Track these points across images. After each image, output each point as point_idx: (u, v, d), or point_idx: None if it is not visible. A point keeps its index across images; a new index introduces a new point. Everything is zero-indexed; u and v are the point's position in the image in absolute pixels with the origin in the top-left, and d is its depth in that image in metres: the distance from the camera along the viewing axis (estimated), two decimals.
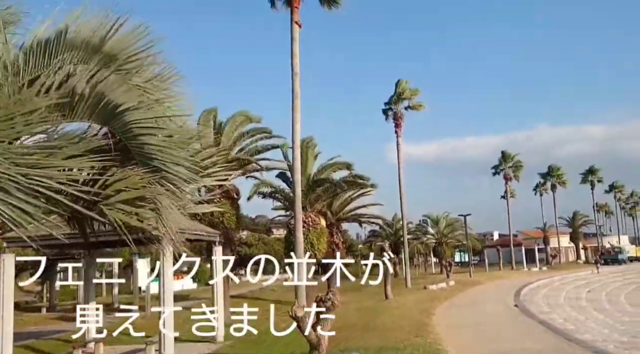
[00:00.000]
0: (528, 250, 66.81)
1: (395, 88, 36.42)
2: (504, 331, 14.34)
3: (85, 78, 5.01)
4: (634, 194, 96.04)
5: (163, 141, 5.02)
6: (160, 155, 4.89)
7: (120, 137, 5.01)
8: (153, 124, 5.03)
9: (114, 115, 4.94)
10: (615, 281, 43.06)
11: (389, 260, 30.03)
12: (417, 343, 11.66)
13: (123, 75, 5.04)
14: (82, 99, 4.97)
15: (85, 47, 4.94)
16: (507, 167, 59.68)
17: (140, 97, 5.07)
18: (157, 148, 4.91)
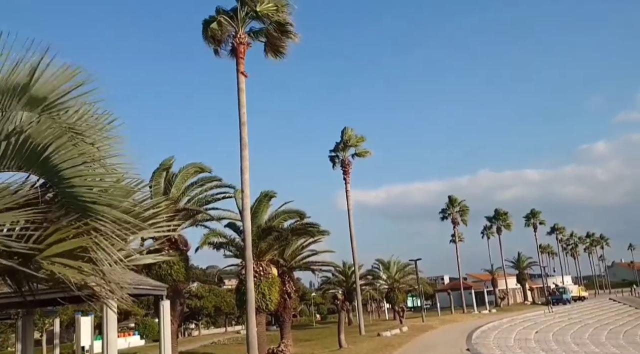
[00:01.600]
0: (478, 293, 67.88)
1: (341, 136, 37.11)
2: None
3: (9, 123, 4.77)
4: (573, 235, 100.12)
5: (100, 191, 4.80)
6: (95, 206, 4.68)
7: (52, 185, 4.77)
8: (87, 171, 4.82)
9: (43, 162, 4.70)
10: (561, 321, 44.17)
11: (342, 308, 29.71)
12: None
13: (52, 117, 4.80)
14: (9, 146, 4.72)
15: (11, 90, 4.72)
16: (454, 211, 61.14)
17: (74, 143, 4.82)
18: (91, 199, 4.69)
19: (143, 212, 5.31)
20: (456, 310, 58.00)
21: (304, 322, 66.05)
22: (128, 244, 5.30)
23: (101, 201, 4.69)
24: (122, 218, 4.71)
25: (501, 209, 71.49)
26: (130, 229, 4.88)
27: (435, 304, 63.14)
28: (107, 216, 4.66)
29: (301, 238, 26.87)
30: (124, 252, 5.16)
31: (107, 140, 5.08)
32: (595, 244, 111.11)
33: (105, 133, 5.11)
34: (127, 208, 5.00)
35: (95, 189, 4.81)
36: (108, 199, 4.77)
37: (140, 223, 4.98)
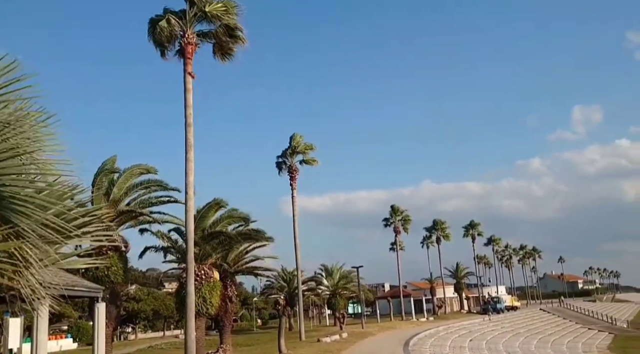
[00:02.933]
0: (416, 300, 69.37)
1: (289, 142, 37.20)
2: None
3: None
4: (508, 247, 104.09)
5: (32, 192, 4.51)
6: (24, 208, 4.40)
7: None
8: (17, 170, 4.52)
9: None
10: (494, 330, 45.81)
11: (283, 313, 29.71)
12: None
13: None
14: None
15: None
16: (396, 220, 62.32)
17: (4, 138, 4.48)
18: (20, 200, 4.41)
19: (79, 217, 5.08)
20: (395, 317, 59.09)
21: (245, 327, 65.54)
22: (62, 247, 5.10)
23: (31, 203, 4.40)
24: (54, 222, 4.49)
25: (439, 220, 73.35)
26: (62, 235, 4.61)
27: (376, 311, 64.08)
28: (37, 219, 4.39)
29: (245, 243, 26.75)
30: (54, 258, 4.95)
31: (43, 139, 4.78)
32: (528, 256, 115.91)
33: (40, 132, 4.82)
34: (61, 212, 4.75)
35: (27, 190, 4.53)
36: (40, 201, 4.47)
37: (74, 230, 4.70)
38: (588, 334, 53.03)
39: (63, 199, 4.91)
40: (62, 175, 4.95)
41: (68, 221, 4.78)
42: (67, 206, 4.91)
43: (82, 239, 5.28)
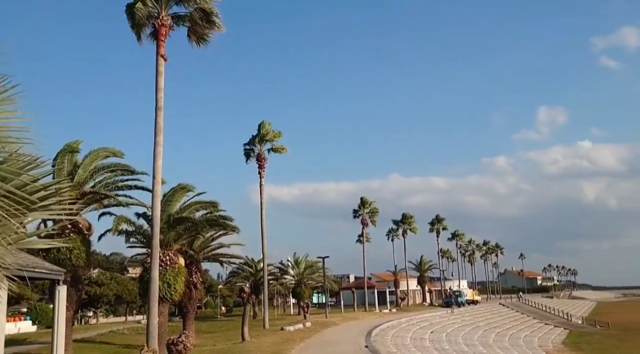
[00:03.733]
0: (380, 292, 70.21)
1: (258, 129, 36.97)
2: None
3: None
4: (471, 242, 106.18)
5: None
6: None
7: None
8: None
9: None
10: (454, 323, 46.77)
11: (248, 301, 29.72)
12: None
13: None
14: None
15: None
16: (365, 212, 62.79)
17: None
18: None
19: (41, 189, 4.90)
20: (359, 308, 59.75)
21: (209, 314, 65.25)
22: (22, 226, 4.94)
23: None
24: (15, 193, 4.34)
25: (408, 214, 74.33)
26: (23, 207, 4.46)
27: (340, 302, 64.65)
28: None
29: (212, 230, 26.63)
30: (16, 236, 4.81)
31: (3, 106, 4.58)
32: (490, 252, 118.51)
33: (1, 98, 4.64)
34: (22, 184, 4.61)
35: None
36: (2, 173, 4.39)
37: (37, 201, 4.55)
38: (544, 330, 54.71)
39: (26, 170, 4.76)
40: (24, 144, 4.79)
41: (30, 194, 4.64)
42: (29, 178, 4.75)
43: (43, 214, 5.14)
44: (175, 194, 23.84)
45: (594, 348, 39.79)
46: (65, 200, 5.41)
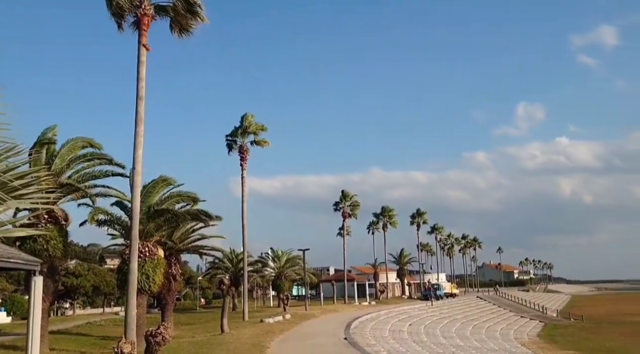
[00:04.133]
0: (360, 285, 70.60)
1: (241, 121, 36.76)
2: None
3: None
4: (450, 236, 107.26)
5: None
6: None
7: None
8: None
9: None
10: (432, 315, 47.29)
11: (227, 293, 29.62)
12: None
13: None
14: None
15: None
16: (345, 205, 62.99)
17: None
18: None
19: (19, 177, 4.81)
20: (338, 301, 60.01)
21: (188, 306, 65.02)
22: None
23: None
24: None
25: (388, 207, 74.67)
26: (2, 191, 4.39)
27: (320, 294, 64.86)
28: None
29: (192, 222, 26.46)
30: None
31: None
32: (469, 246, 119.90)
33: None
34: None
35: None
36: None
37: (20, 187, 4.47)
38: (520, 322, 55.64)
39: (1, 158, 4.70)
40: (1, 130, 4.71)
41: (4, 183, 4.58)
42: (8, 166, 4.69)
43: (21, 202, 5.06)
44: (155, 185, 23.61)
45: (567, 340, 40.61)
46: (43, 189, 5.32)
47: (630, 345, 34.69)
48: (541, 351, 31.90)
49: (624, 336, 40.99)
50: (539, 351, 32.25)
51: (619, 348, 33.03)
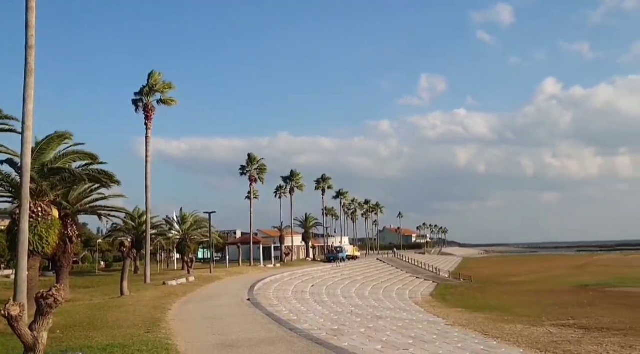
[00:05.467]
0: (266, 248, 71.46)
1: (147, 79, 35.30)
2: (235, 323, 15.24)
3: None
4: (354, 201, 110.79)
5: None
6: None
7: None
8: None
9: None
10: (334, 277, 49.06)
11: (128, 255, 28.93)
12: (147, 339, 11.68)
13: None
14: None
15: None
16: (252, 169, 62.92)
17: None
18: None
19: None
20: (244, 263, 60.49)
21: (87, 269, 62.48)
22: None
23: None
24: None
25: (296, 171, 75.76)
26: None
27: (225, 257, 64.91)
28: None
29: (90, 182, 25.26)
30: None
31: None
32: (371, 211, 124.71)
33: None
34: None
35: None
36: None
37: None
38: (415, 283, 59.19)
39: None
40: None
41: None
42: None
43: None
44: (50, 142, 22.18)
45: (456, 299, 43.89)
46: None
47: (510, 303, 38.15)
48: (432, 309, 34.28)
49: (507, 295, 44.97)
50: (431, 309, 34.65)
51: (501, 306, 36.23)
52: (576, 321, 26.37)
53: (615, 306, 34.10)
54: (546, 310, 32.01)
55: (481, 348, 14.94)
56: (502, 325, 24.88)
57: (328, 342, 12.02)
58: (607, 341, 19.41)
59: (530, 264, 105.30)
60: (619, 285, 49.59)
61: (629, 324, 24.26)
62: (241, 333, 13.30)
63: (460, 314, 30.96)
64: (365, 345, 12.54)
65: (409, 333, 17.23)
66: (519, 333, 21.87)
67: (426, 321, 24.59)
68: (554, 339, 20.26)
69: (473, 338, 18.66)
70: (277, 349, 10.74)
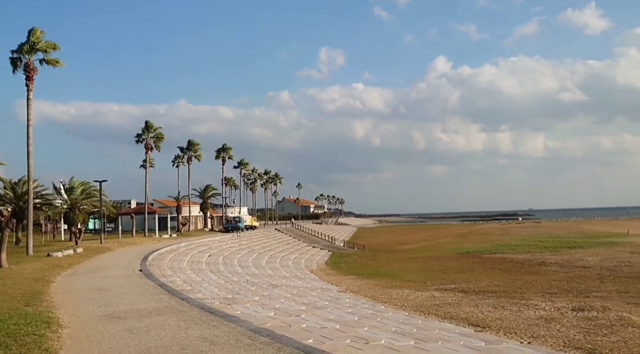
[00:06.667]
0: (161, 218, 69.52)
1: (28, 36, 32.42)
2: (124, 295, 14.85)
3: None
4: (254, 171, 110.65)
5: None
6: None
7: None
8: None
9: None
10: (232, 247, 49.06)
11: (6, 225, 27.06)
12: (26, 312, 11.09)
13: None
14: None
15: None
16: (149, 137, 60.55)
17: None
18: None
19: None
20: (138, 234, 58.53)
21: None
22: None
23: None
24: None
25: (194, 140, 74.05)
26: None
27: (118, 228, 62.38)
28: None
29: None
30: None
31: None
32: (271, 181, 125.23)
33: None
34: None
35: None
36: None
37: None
38: (312, 252, 60.68)
39: None
40: None
41: None
42: None
43: None
44: None
45: (349, 266, 45.65)
46: None
47: (399, 270, 40.34)
48: (327, 277, 35.43)
49: (396, 262, 47.43)
50: (325, 277, 35.79)
51: (391, 272, 38.22)
52: (457, 285, 28.50)
53: (491, 270, 37.22)
54: (431, 276, 34.26)
55: (370, 312, 15.76)
56: (391, 290, 26.35)
57: (221, 311, 12.11)
58: (482, 303, 21.21)
59: (420, 233, 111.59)
60: (496, 251, 53.99)
61: (502, 287, 26.67)
62: (130, 304, 13.01)
63: (353, 281, 32.32)
64: (259, 312, 12.78)
65: (302, 300, 17.76)
66: (406, 298, 23.30)
67: (320, 289, 25.42)
68: (437, 302, 21.82)
69: (363, 303, 19.60)
70: (167, 319, 10.65)
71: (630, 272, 32.47)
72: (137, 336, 8.97)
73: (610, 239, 65.35)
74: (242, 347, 7.78)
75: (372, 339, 9.39)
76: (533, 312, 18.75)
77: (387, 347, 8.73)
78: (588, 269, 35.15)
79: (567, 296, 23.02)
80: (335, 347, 8.28)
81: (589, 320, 16.76)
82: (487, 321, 16.81)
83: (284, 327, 10.30)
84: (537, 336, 14.30)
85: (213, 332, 9.05)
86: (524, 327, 15.71)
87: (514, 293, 24.21)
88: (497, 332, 14.70)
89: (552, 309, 19.37)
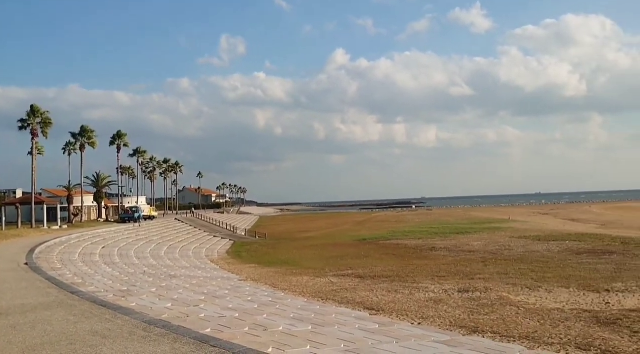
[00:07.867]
0: (51, 208, 65.15)
1: None
2: (7, 289, 13.92)
3: None
4: (153, 160, 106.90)
5: None
6: None
7: None
8: None
9: None
10: (128, 238, 47.26)
11: None
12: None
13: None
14: None
15: None
16: (35, 122, 56.45)
17: None
18: None
19: None
20: (24, 225, 54.54)
21: None
22: None
23: None
24: None
25: (88, 127, 70.03)
26: None
27: (1, 219, 57.61)
28: None
29: None
30: None
31: None
32: (170, 170, 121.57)
33: None
34: None
35: None
36: None
37: None
38: (213, 241, 59.93)
39: None
40: None
41: None
42: None
43: None
44: None
45: (251, 255, 45.70)
46: None
47: (299, 257, 41.04)
48: (227, 266, 35.25)
49: (297, 250, 48.17)
50: (226, 266, 35.59)
51: (291, 260, 38.79)
52: (354, 271, 29.56)
53: (386, 256, 38.95)
54: (330, 262, 35.22)
55: (269, 299, 16.00)
56: (291, 278, 26.81)
57: (114, 303, 11.74)
58: (377, 287, 22.24)
59: (320, 221, 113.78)
60: (391, 238, 56.49)
61: (396, 272, 28.05)
62: (14, 299, 12.25)
63: (254, 269, 32.45)
64: (155, 304, 12.54)
65: (202, 290, 17.64)
66: (305, 284, 23.84)
67: (220, 278, 25.30)
68: (334, 288, 22.55)
69: (263, 291, 19.83)
70: (54, 314, 10.17)
71: (510, 255, 35.43)
72: (21, 332, 8.51)
73: (494, 225, 70.79)
74: (135, 339, 7.65)
75: (270, 326, 9.61)
76: (423, 294, 20.01)
77: (285, 333, 8.98)
78: (473, 253, 37.87)
79: (454, 278, 24.70)
80: (233, 335, 8.39)
81: (472, 300, 18.20)
82: (381, 304, 17.70)
83: (181, 318, 10.22)
84: (427, 317, 15.32)
85: (105, 326, 8.80)
86: (415, 309, 16.75)
87: (406, 277, 25.55)
88: (391, 314, 15.55)
89: (440, 291, 20.77)
